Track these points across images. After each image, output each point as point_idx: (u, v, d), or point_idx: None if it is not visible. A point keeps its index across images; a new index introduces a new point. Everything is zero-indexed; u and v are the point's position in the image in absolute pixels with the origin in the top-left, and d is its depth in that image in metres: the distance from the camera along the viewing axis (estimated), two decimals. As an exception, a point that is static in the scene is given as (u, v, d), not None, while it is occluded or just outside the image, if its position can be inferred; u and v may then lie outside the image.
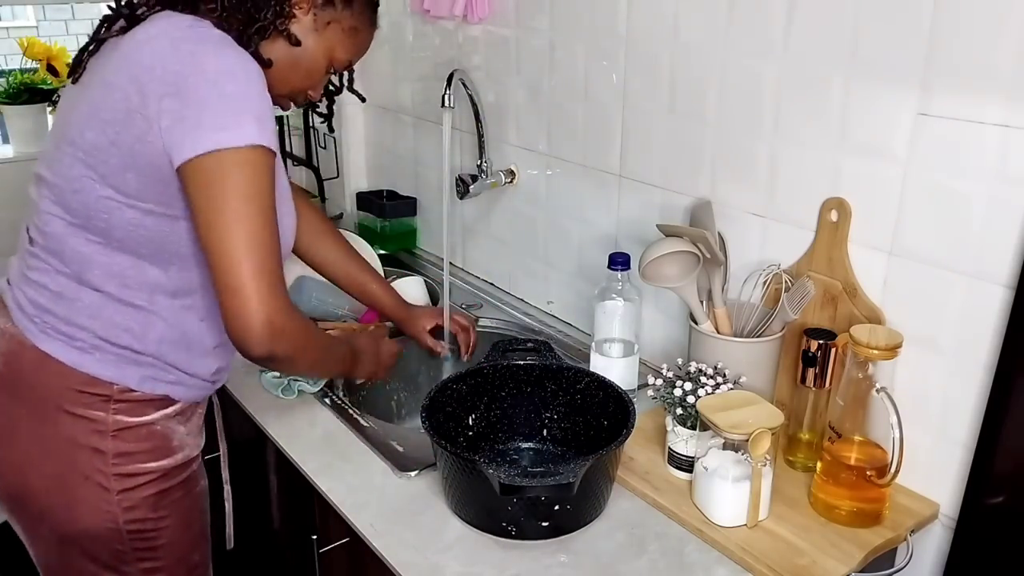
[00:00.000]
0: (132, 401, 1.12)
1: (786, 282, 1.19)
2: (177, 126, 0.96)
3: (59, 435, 1.10)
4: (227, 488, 1.42)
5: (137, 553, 1.16)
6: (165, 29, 1.01)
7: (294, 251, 1.38)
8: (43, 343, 1.09)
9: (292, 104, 1.19)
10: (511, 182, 1.71)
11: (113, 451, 1.11)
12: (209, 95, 0.95)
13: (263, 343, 1.00)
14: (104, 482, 1.11)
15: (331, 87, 1.26)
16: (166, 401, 1.15)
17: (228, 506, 1.42)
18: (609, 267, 1.31)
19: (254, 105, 0.98)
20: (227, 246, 0.97)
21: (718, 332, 1.23)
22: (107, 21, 1.10)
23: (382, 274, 1.79)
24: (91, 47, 1.09)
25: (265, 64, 1.06)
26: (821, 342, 1.10)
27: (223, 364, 1.21)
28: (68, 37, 5.51)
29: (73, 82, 1.10)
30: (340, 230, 1.89)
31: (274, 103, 1.12)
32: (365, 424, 1.31)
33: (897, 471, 1.00)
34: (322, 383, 1.39)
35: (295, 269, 1.60)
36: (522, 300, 1.78)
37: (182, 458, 1.18)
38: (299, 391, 1.38)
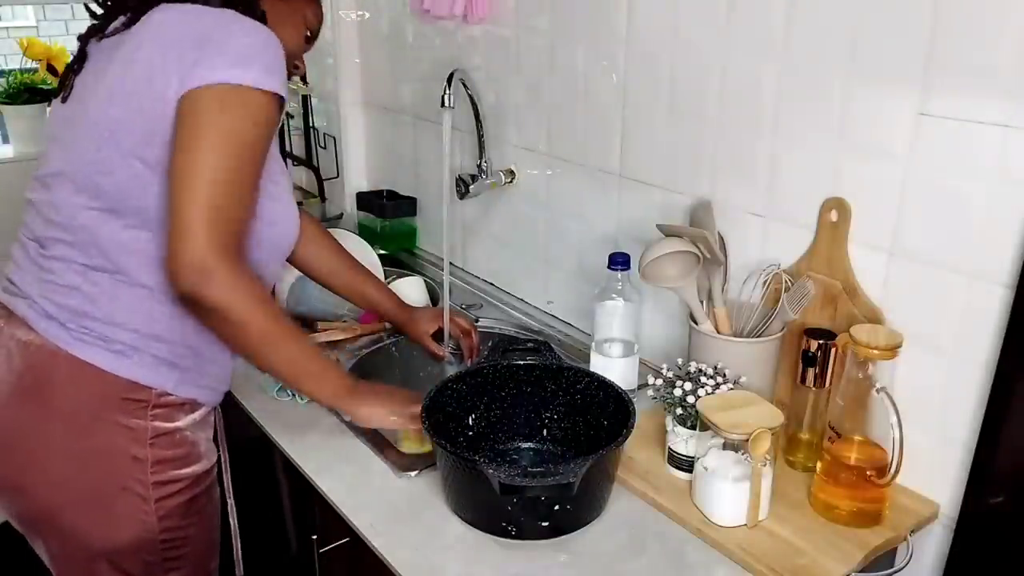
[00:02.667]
0: (167, 406, 1.12)
1: (786, 282, 1.19)
2: (193, 68, 0.99)
3: (96, 447, 1.08)
4: (231, 503, 1.39)
5: (166, 564, 1.15)
6: (184, 11, 1.04)
7: (289, 260, 1.37)
8: (80, 351, 1.07)
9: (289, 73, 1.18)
10: (511, 182, 1.71)
11: (152, 459, 1.10)
12: (227, 43, 1.00)
13: (188, 278, 0.97)
14: (142, 491, 1.10)
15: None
16: (193, 406, 1.16)
17: (233, 522, 1.39)
18: (609, 267, 1.31)
19: (267, 58, 1.02)
20: (186, 180, 0.97)
21: (718, 332, 1.23)
22: (91, 33, 1.12)
23: (382, 276, 1.79)
24: (75, 66, 1.10)
25: (262, 15, 1.10)
26: (821, 342, 1.10)
27: (232, 362, 1.23)
28: (68, 37, 5.51)
29: (62, 101, 1.11)
30: (340, 229, 1.89)
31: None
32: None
33: (897, 471, 1.00)
34: None
35: (295, 270, 1.60)
36: (522, 300, 1.78)
37: (207, 464, 1.19)
38: (294, 394, 1.37)
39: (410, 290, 1.78)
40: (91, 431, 1.08)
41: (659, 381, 1.17)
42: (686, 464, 1.13)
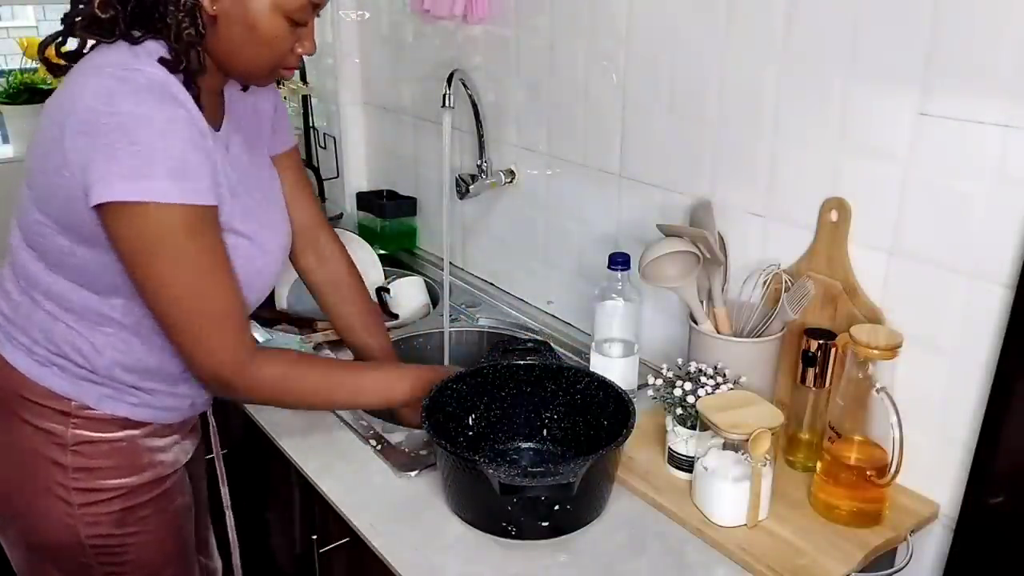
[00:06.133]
0: (92, 418, 1.09)
1: (786, 282, 1.19)
2: (89, 168, 0.92)
3: (21, 444, 1.08)
4: (229, 515, 1.35)
5: (103, 568, 1.13)
6: (99, 64, 0.97)
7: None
8: (6, 351, 1.09)
9: (291, 69, 1.09)
10: (511, 182, 1.71)
11: (73, 465, 1.08)
12: (119, 140, 0.90)
13: (217, 393, 1.10)
14: (65, 496, 1.08)
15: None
16: (131, 422, 1.11)
17: (232, 535, 1.35)
18: (609, 267, 1.31)
19: (170, 156, 0.92)
20: (156, 305, 0.99)
21: (718, 332, 1.23)
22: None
23: (381, 276, 1.80)
24: None
25: (197, 71, 1.00)
26: (821, 342, 1.10)
27: (197, 390, 1.16)
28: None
29: None
30: (340, 229, 1.89)
31: (270, 79, 1.09)
32: (365, 424, 1.31)
33: (897, 471, 1.00)
34: None
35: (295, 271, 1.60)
36: (522, 300, 1.78)
37: (151, 476, 1.14)
38: None
39: (410, 290, 1.79)
40: (17, 428, 1.08)
41: (659, 381, 1.17)
42: (686, 464, 1.13)
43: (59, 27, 1.02)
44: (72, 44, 1.04)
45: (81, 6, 0.99)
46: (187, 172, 0.94)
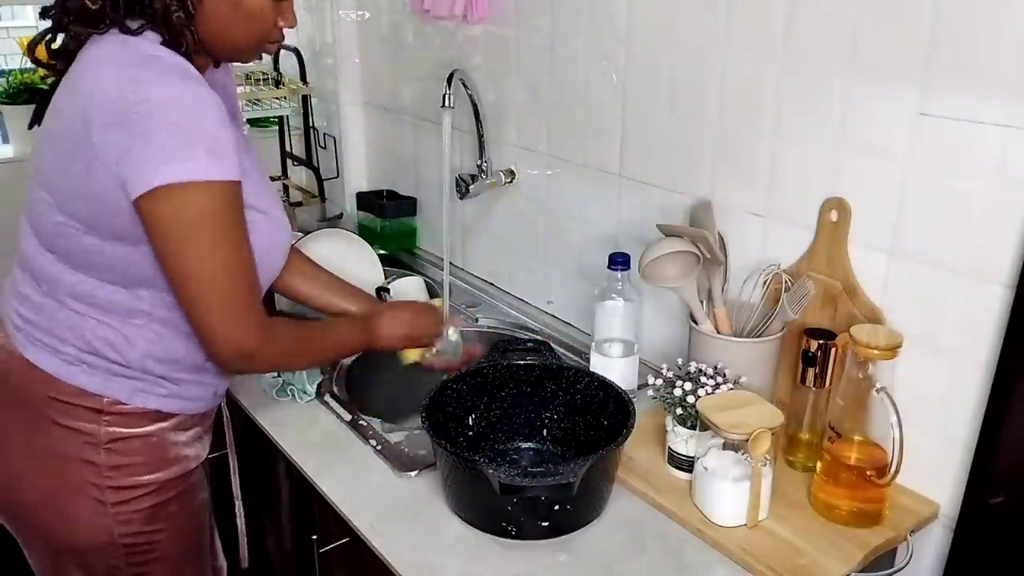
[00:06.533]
0: (124, 414, 1.09)
1: (786, 282, 1.19)
2: (125, 159, 0.93)
3: (50, 447, 1.08)
4: (239, 504, 1.37)
5: (132, 568, 1.13)
6: (108, 53, 0.97)
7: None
8: (30, 353, 1.08)
9: (274, 43, 1.11)
10: (511, 182, 1.71)
11: (107, 464, 1.08)
12: (155, 126, 0.92)
13: (237, 367, 1.09)
14: (98, 495, 1.08)
15: None
16: (161, 414, 1.12)
17: (240, 523, 1.37)
18: (609, 267, 1.31)
19: (205, 135, 0.94)
20: (188, 287, 0.99)
21: (718, 332, 1.23)
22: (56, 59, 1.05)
23: (381, 276, 1.79)
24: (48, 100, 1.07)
25: (194, 52, 1.01)
26: (821, 342, 1.10)
27: (220, 378, 1.18)
28: (68, 37, 5.46)
29: (28, 127, 1.09)
30: (340, 229, 1.89)
31: (256, 54, 1.11)
32: (365, 424, 1.31)
33: (897, 471, 1.00)
34: (315, 385, 1.39)
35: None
36: (522, 300, 1.78)
37: (179, 470, 1.14)
38: (293, 395, 1.37)
39: (410, 290, 1.78)
40: (45, 432, 1.08)
41: (659, 381, 1.17)
42: (686, 464, 1.13)
43: (45, 24, 1.03)
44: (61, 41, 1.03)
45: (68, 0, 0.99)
46: (220, 148, 0.95)
